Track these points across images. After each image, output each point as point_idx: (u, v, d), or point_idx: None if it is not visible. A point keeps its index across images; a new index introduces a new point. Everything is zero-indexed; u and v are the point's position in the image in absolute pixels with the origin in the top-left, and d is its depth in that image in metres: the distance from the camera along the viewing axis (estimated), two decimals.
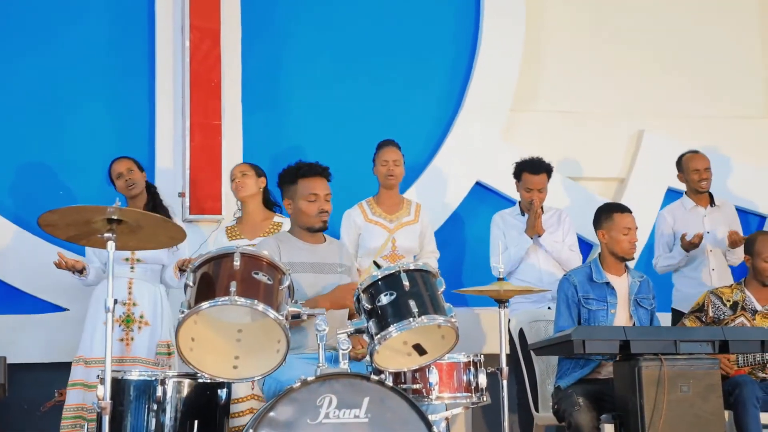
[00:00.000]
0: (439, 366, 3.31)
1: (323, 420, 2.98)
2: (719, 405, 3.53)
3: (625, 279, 4.07)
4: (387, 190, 4.67)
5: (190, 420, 3.18)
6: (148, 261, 4.30)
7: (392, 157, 4.63)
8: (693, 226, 4.84)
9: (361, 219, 4.62)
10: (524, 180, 4.62)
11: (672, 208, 5.05)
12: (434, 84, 5.60)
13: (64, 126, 5.08)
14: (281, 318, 3.03)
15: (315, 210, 3.57)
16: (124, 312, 4.24)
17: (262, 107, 5.34)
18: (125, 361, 4.18)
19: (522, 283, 4.51)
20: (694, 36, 5.95)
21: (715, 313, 4.20)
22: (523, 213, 4.77)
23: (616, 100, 5.80)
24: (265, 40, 5.40)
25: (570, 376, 3.93)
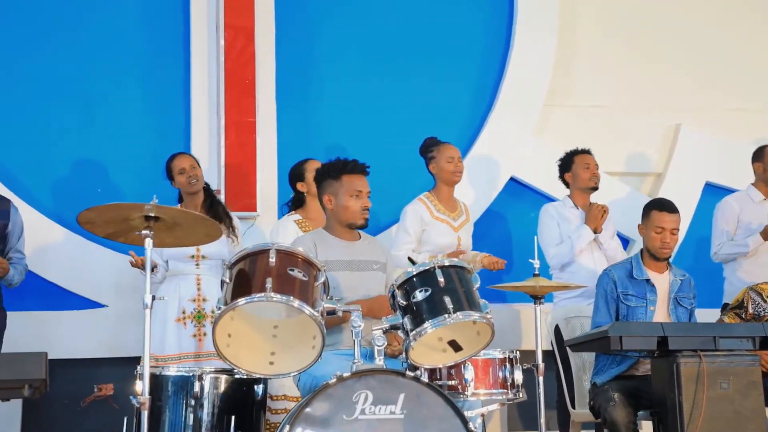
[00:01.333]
0: (474, 362, 3.31)
1: (359, 416, 2.99)
2: (760, 402, 3.49)
3: (667, 276, 4.02)
4: (449, 187, 4.62)
5: (227, 415, 3.21)
6: (212, 257, 4.35)
7: (457, 154, 4.59)
8: (759, 218, 4.73)
9: (428, 215, 4.55)
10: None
11: (739, 197, 4.91)
12: (468, 80, 5.58)
13: (101, 124, 5.14)
14: (316, 314, 3.04)
15: (360, 207, 3.58)
16: (195, 308, 4.30)
17: (297, 104, 5.35)
18: (201, 356, 4.23)
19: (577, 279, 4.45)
20: (729, 28, 5.86)
21: (755, 310, 4.14)
22: (576, 206, 4.71)
23: (651, 94, 5.73)
24: (298, 37, 5.41)
25: (606, 372, 3.90)
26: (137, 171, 5.06)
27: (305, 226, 4.42)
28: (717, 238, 4.86)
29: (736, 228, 4.79)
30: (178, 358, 4.17)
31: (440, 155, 4.58)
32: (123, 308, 4.80)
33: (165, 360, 4.15)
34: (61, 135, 5.10)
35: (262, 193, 5.11)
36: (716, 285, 4.99)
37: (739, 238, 4.77)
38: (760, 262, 4.75)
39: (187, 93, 5.21)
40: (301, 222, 4.47)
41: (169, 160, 4.52)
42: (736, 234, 4.80)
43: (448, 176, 4.57)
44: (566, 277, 4.60)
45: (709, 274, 5.01)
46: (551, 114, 5.61)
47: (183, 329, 4.26)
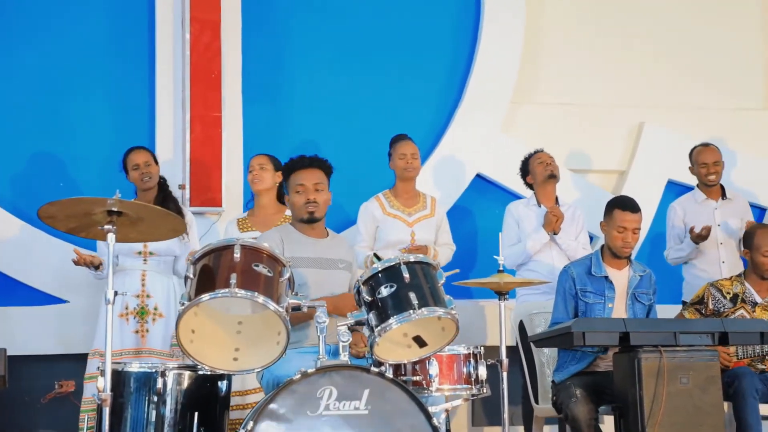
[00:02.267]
0: (439, 358, 3.32)
1: (323, 412, 2.99)
2: (718, 397, 3.54)
3: (626, 273, 4.06)
4: (404, 183, 4.67)
5: (191, 412, 3.19)
6: (160, 253, 4.32)
7: (410, 150, 4.64)
8: (704, 218, 4.83)
9: (380, 212, 4.61)
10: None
11: (683, 200, 5.03)
12: (435, 76, 5.60)
13: (64, 117, 5.08)
14: (281, 310, 3.04)
15: (302, 201, 3.58)
16: (138, 304, 4.26)
17: (263, 99, 5.33)
18: (141, 353, 4.20)
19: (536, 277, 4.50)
20: (694, 27, 5.94)
21: (715, 306, 4.20)
22: (539, 204, 4.76)
23: (617, 92, 5.79)
24: (265, 31, 5.39)
25: (566, 370, 3.94)
26: (100, 165, 5.01)
27: (245, 225, 4.41)
28: (668, 242, 5.01)
29: (684, 231, 4.88)
30: (119, 354, 4.13)
31: (395, 152, 4.66)
32: (84, 304, 4.75)
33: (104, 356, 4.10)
34: (22, 128, 5.04)
35: (227, 188, 5.09)
36: (677, 281, 5.06)
37: (685, 241, 4.86)
38: (709, 260, 4.84)
39: (152, 87, 5.17)
40: (242, 221, 4.46)
41: (126, 154, 4.49)
42: (684, 236, 4.90)
43: (401, 173, 4.64)
44: (525, 274, 4.65)
45: (669, 270, 5.08)
46: (518, 111, 5.64)
47: (125, 325, 4.23)
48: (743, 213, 4.98)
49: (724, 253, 4.82)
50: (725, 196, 4.97)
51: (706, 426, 3.47)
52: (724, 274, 4.73)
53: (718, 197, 4.95)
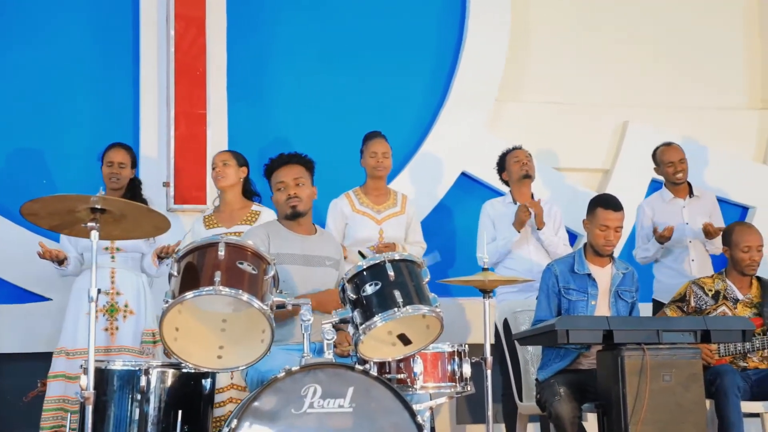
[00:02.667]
0: (423, 356, 3.32)
1: (307, 410, 2.98)
2: (701, 394, 3.56)
3: (609, 270, 4.08)
4: (374, 181, 4.67)
5: (174, 410, 3.18)
6: (128, 250, 4.29)
7: (381, 149, 4.63)
8: (672, 217, 4.86)
9: (349, 209, 4.61)
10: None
11: (651, 200, 5.06)
12: (420, 74, 5.60)
13: (48, 115, 5.05)
14: (266, 308, 3.03)
15: (283, 198, 3.59)
16: (107, 302, 4.23)
17: (248, 97, 5.32)
18: (111, 350, 4.17)
19: (512, 273, 4.53)
20: (678, 28, 5.98)
21: (697, 303, 4.23)
22: (515, 202, 4.78)
23: (601, 91, 5.82)
24: (250, 29, 5.37)
25: (550, 368, 3.95)
26: (84, 162, 4.98)
27: (211, 222, 4.39)
28: (636, 242, 5.03)
29: (652, 230, 4.90)
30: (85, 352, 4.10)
31: (366, 150, 4.66)
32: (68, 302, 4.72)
33: (75, 354, 4.08)
34: (5, 124, 5.00)
35: (212, 186, 5.06)
36: (648, 281, 5.08)
37: (651, 241, 4.88)
38: (678, 259, 4.86)
39: (136, 84, 5.15)
40: (208, 218, 4.44)
41: (107, 147, 4.46)
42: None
43: (371, 171, 4.65)
44: (503, 271, 4.66)
45: (647, 269, 5.11)
46: (503, 109, 5.66)
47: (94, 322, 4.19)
48: (711, 210, 4.99)
49: (693, 251, 4.85)
50: (692, 194, 4.99)
51: (688, 423, 3.49)
52: (694, 271, 4.77)
53: (685, 195, 4.97)
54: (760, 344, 4.07)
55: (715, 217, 4.94)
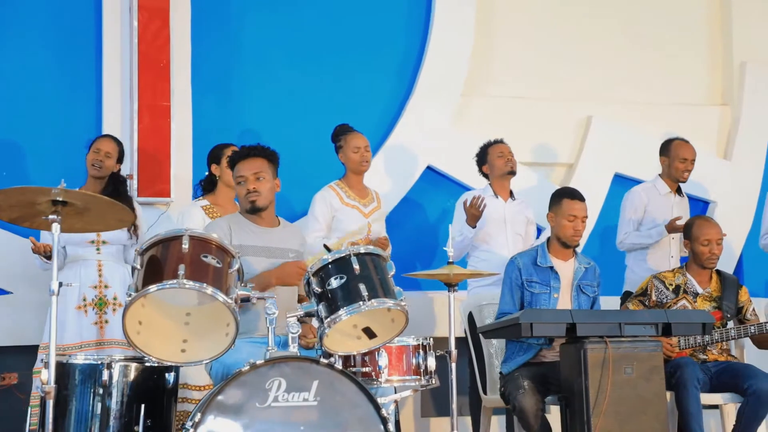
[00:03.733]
0: (388, 349, 3.33)
1: (272, 403, 2.98)
2: (661, 386, 3.61)
3: (571, 264, 4.12)
4: (357, 176, 4.65)
5: (137, 404, 3.16)
6: (113, 242, 4.25)
7: (363, 143, 4.63)
8: (664, 210, 4.87)
9: (338, 201, 4.58)
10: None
11: (646, 188, 5.01)
12: (386, 69, 5.60)
13: (9, 106, 4.97)
14: (230, 301, 3.02)
15: (243, 192, 3.57)
16: (96, 295, 4.19)
17: (213, 89, 5.28)
18: (103, 344, 4.13)
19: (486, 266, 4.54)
20: (641, 24, 6.03)
21: (658, 297, 4.28)
22: (496, 196, 4.80)
23: (565, 86, 5.86)
24: (216, 20, 5.33)
25: (513, 361, 3.99)
26: (45, 154, 4.92)
27: (212, 212, 4.37)
28: (623, 227, 4.97)
29: (642, 218, 4.92)
30: (80, 346, 4.07)
31: (347, 145, 4.63)
32: (29, 295, 4.66)
33: (65, 349, 4.04)
34: None
35: (176, 179, 5.02)
36: (620, 274, 5.13)
37: (644, 228, 4.90)
38: (661, 253, 4.91)
39: (99, 76, 5.08)
40: (208, 208, 4.42)
41: (97, 137, 4.45)
42: (642, 224, 4.94)
43: (355, 166, 4.62)
44: (478, 264, 4.69)
45: (613, 263, 5.16)
46: (468, 104, 5.67)
47: (84, 317, 4.16)
48: (687, 213, 5.06)
49: (674, 248, 4.89)
50: (680, 193, 5.04)
51: (648, 415, 3.54)
52: (672, 267, 4.81)
53: (676, 192, 5.02)
54: (719, 337, 4.13)
55: None
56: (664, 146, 5.01)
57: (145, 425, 3.14)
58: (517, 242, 4.76)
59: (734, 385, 4.00)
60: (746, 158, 5.98)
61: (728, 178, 5.91)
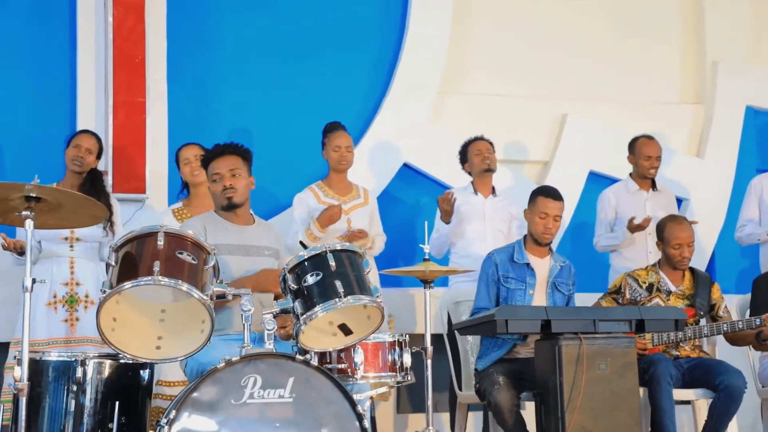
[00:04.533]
0: (364, 346, 3.33)
1: (247, 400, 2.98)
2: (635, 382, 3.64)
3: (547, 262, 4.15)
4: (337, 174, 4.67)
5: (111, 401, 3.14)
6: (87, 239, 4.22)
7: (344, 142, 4.64)
8: (635, 208, 4.92)
9: (315, 202, 4.60)
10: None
11: (616, 189, 5.10)
12: (363, 65, 5.60)
13: None
14: (206, 298, 3.01)
15: (219, 189, 3.56)
16: (67, 292, 4.16)
17: (189, 85, 5.26)
18: (71, 342, 4.10)
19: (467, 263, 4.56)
20: (616, 23, 6.08)
21: (631, 295, 4.32)
22: (476, 192, 4.82)
23: (541, 84, 5.89)
24: (191, 16, 5.30)
25: (488, 357, 4.01)
26: (19, 150, 4.87)
27: (183, 214, 4.35)
28: (597, 230, 5.07)
29: (614, 219, 4.98)
30: (47, 343, 4.04)
31: (329, 143, 4.66)
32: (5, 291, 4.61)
33: (33, 346, 4.00)
34: None
35: (151, 175, 5.00)
36: (599, 270, 5.17)
37: (617, 228, 4.97)
38: (638, 250, 4.95)
39: (74, 71, 5.05)
40: (178, 211, 4.40)
41: (78, 131, 4.43)
42: (615, 224, 5.00)
43: (334, 164, 4.66)
44: (460, 261, 4.71)
45: (591, 259, 5.20)
46: (445, 101, 5.69)
47: (53, 314, 4.14)
48: (669, 205, 5.10)
49: (651, 244, 4.93)
50: (655, 188, 5.09)
51: (622, 410, 3.58)
52: (651, 263, 4.85)
53: (648, 188, 5.06)
54: (692, 334, 4.18)
55: (672, 212, 5.03)
56: (630, 145, 5.09)
57: (119, 422, 3.12)
58: (498, 238, 4.78)
59: (706, 381, 4.05)
60: (719, 156, 6.04)
61: (701, 175, 5.97)
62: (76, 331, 4.13)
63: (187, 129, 5.07)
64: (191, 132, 5.01)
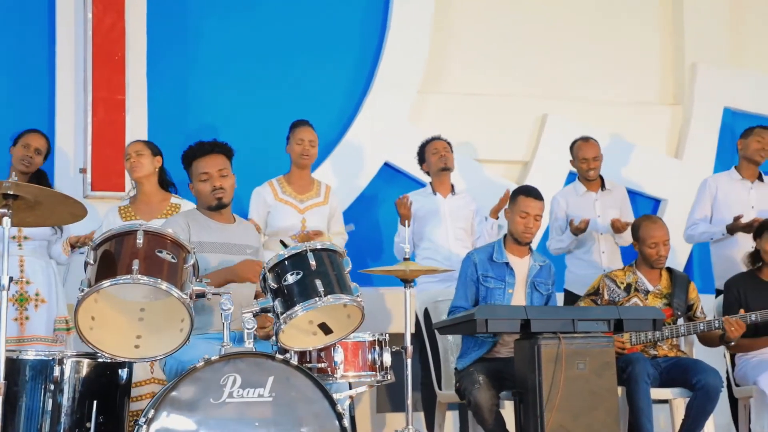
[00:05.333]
0: (344, 345, 3.34)
1: (227, 399, 2.97)
2: (613, 381, 3.66)
3: (526, 261, 4.16)
4: (299, 170, 4.64)
5: (89, 400, 3.13)
6: (35, 238, 4.18)
7: (308, 137, 4.61)
8: (584, 210, 4.95)
9: (271, 197, 4.58)
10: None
11: (565, 192, 5.14)
12: (345, 64, 5.60)
13: None
14: (185, 297, 3.00)
15: (208, 189, 3.53)
16: (17, 291, 4.11)
17: (169, 83, 5.23)
18: (23, 341, 4.06)
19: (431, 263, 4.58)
20: (596, 23, 6.11)
21: (610, 296, 4.34)
22: (435, 193, 4.84)
23: (522, 84, 5.91)
24: (172, 13, 5.28)
25: (468, 356, 4.02)
26: None
27: (128, 213, 4.27)
28: (550, 233, 5.11)
29: (566, 222, 5.01)
30: None
31: (293, 136, 4.62)
32: None
33: None
34: None
35: None
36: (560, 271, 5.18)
37: (566, 232, 5.00)
38: (590, 251, 4.97)
39: (52, 68, 5.02)
40: (124, 209, 4.31)
41: (26, 130, 4.33)
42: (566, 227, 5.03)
43: (296, 158, 4.61)
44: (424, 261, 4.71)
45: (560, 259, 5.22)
46: (425, 100, 5.70)
47: None
48: (621, 203, 5.11)
49: (603, 243, 4.94)
50: (604, 187, 5.11)
51: (600, 409, 3.59)
52: (604, 262, 4.88)
53: (597, 189, 5.07)
54: (669, 333, 4.21)
55: (625, 210, 5.06)
56: (570, 149, 5.09)
57: (97, 422, 3.11)
58: (460, 236, 4.80)
59: (683, 380, 4.08)
60: (696, 157, 6.09)
61: (679, 176, 6.02)
62: (26, 330, 4.09)
63: (167, 127, 5.05)
64: (171, 130, 5.00)
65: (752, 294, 4.35)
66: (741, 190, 4.96)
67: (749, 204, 4.91)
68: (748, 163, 4.98)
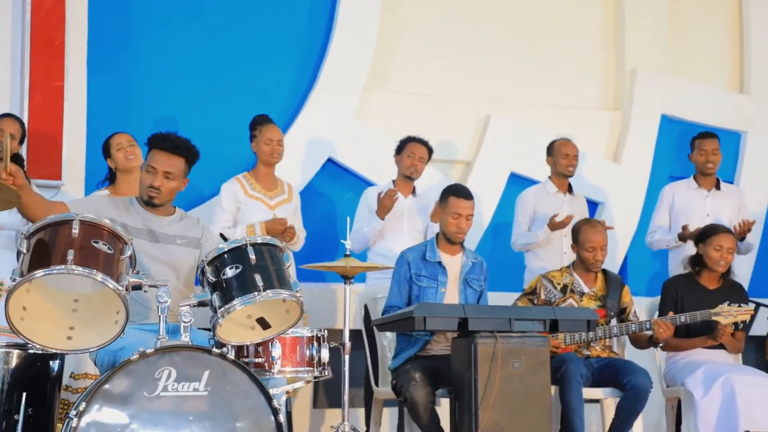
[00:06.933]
0: (282, 340, 3.33)
1: (161, 393, 2.94)
2: (547, 380, 3.72)
3: (459, 259, 4.20)
4: (266, 167, 4.64)
5: (18, 392, 3.06)
6: (5, 227, 4.08)
7: (276, 136, 4.62)
8: (553, 210, 5.02)
9: (241, 193, 4.56)
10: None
11: (536, 190, 5.19)
12: (290, 58, 5.57)
13: None
14: (121, 288, 2.95)
15: (147, 182, 3.45)
16: None
17: (110, 70, 5.14)
18: None
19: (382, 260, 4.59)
20: (540, 28, 6.18)
21: (546, 296, 4.41)
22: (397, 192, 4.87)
23: (466, 84, 5.95)
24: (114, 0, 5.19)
25: (400, 356, 4.05)
26: None
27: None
28: (515, 229, 5.16)
29: (532, 219, 5.08)
30: None
31: (261, 136, 4.62)
32: None
33: None
34: None
35: (68, 162, 4.88)
36: (518, 270, 5.26)
37: (534, 228, 5.07)
38: (553, 251, 5.06)
39: None
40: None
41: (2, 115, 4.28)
42: (532, 225, 5.10)
43: (266, 157, 4.62)
44: (376, 258, 4.73)
45: (512, 259, 5.28)
46: (370, 98, 5.70)
47: None
48: (583, 209, 5.23)
49: (566, 245, 5.00)
50: (572, 192, 5.20)
51: (534, 408, 3.65)
52: (566, 263, 4.96)
53: (566, 191, 5.17)
54: (603, 333, 4.29)
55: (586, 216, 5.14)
56: (548, 148, 5.19)
57: (26, 414, 3.04)
58: (415, 237, 4.83)
59: (614, 380, 4.16)
60: (634, 161, 6.21)
61: (616, 180, 6.13)
62: None
63: (107, 116, 4.97)
64: (112, 119, 4.91)
65: (689, 297, 4.45)
66: (698, 198, 5.11)
67: (705, 212, 5.04)
68: (702, 175, 5.13)
